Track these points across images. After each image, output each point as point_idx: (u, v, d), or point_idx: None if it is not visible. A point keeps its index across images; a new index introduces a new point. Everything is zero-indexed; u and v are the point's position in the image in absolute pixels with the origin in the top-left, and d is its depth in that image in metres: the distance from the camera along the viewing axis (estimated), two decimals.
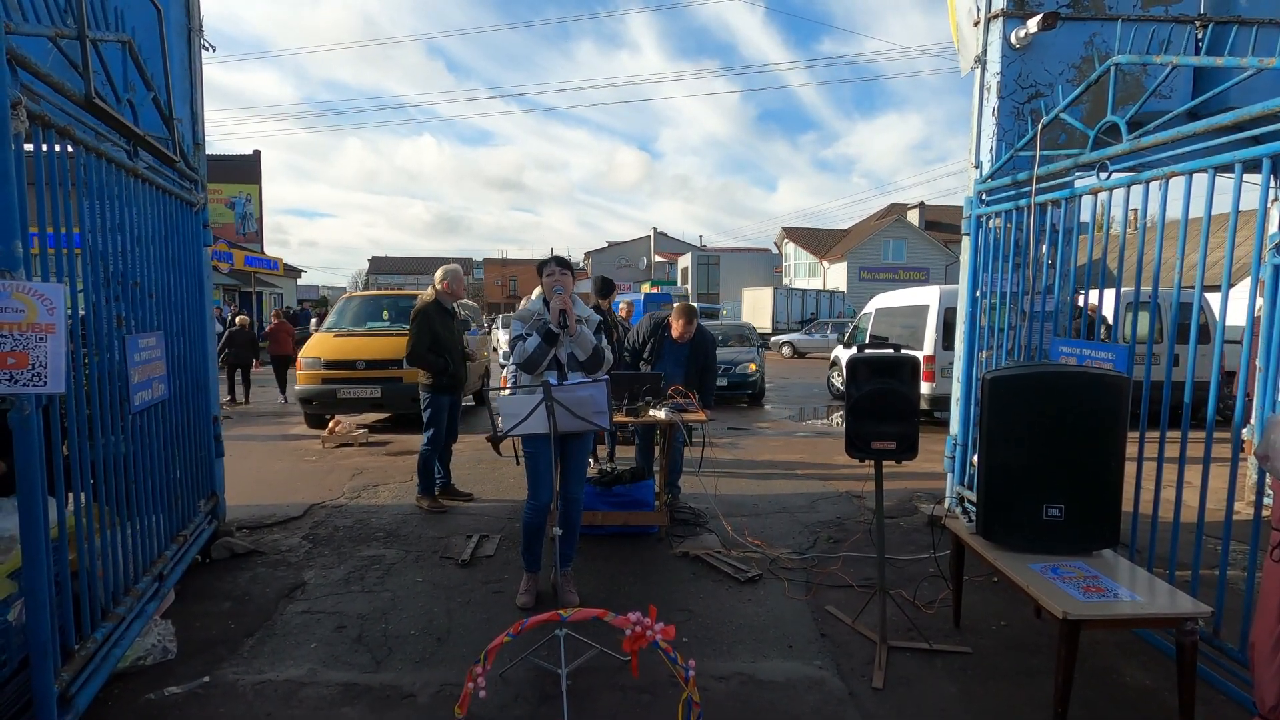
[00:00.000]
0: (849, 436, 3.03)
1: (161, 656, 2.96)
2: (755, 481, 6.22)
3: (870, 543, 4.46)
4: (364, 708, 2.67)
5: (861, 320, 11.82)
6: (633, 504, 4.64)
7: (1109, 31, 4.24)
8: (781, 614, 3.51)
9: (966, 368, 4.63)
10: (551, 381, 3.36)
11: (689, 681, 1.45)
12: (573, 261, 3.49)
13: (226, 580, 3.82)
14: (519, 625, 1.46)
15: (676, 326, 5.03)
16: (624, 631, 2.80)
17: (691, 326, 5.05)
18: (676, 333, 5.04)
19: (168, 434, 3.39)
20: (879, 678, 2.89)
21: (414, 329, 5.13)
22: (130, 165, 2.97)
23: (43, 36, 2.26)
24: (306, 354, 8.71)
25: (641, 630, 1.46)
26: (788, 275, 41.68)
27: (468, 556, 4.17)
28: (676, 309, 5.11)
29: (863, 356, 3.00)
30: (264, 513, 4.97)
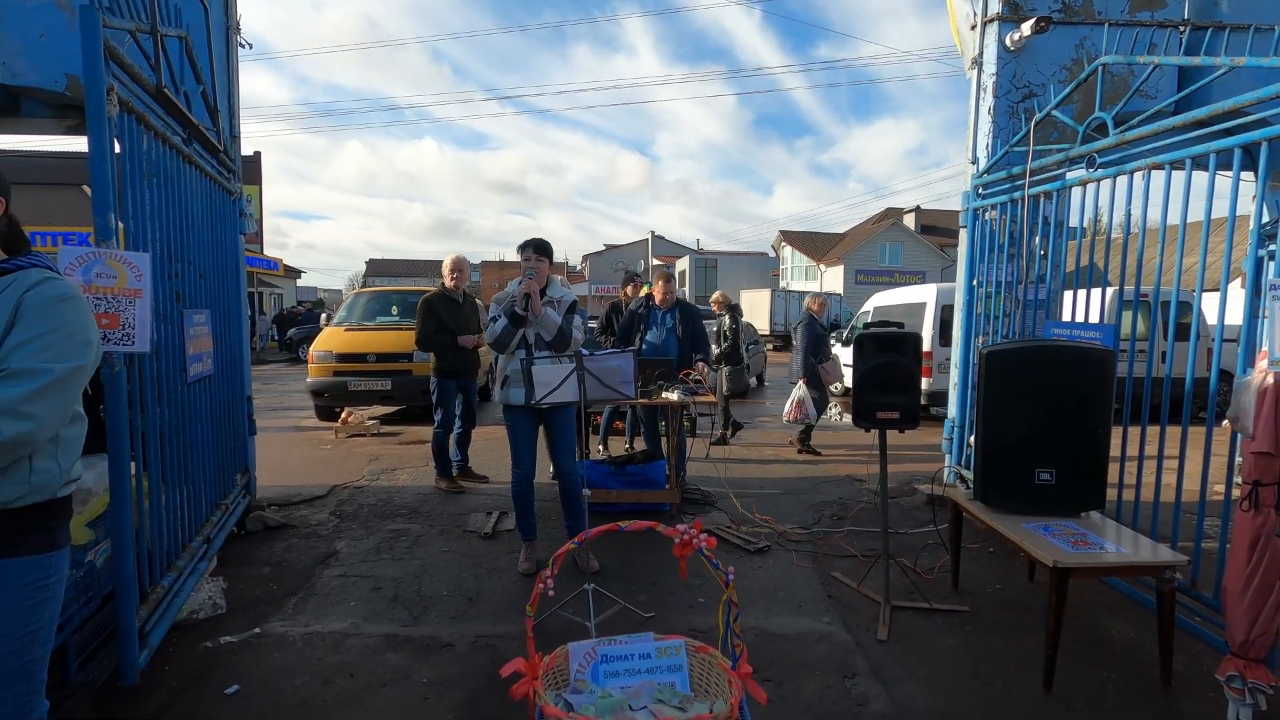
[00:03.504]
0: (855, 407, 3.25)
1: (212, 611, 3.16)
2: (759, 467, 6.44)
3: (872, 518, 4.68)
4: (407, 654, 2.88)
5: (860, 319, 12.07)
6: (645, 483, 4.85)
7: (1098, 35, 4.48)
8: (790, 579, 3.72)
9: (964, 353, 4.86)
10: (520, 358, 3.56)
11: (729, 585, 1.66)
12: (549, 245, 3.70)
13: (263, 549, 4.02)
14: (582, 535, 1.66)
15: (658, 291, 5.26)
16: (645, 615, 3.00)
17: (671, 288, 5.29)
18: (658, 297, 5.27)
19: (213, 407, 3.59)
20: (883, 631, 3.11)
21: (420, 316, 5.37)
22: (186, 152, 3.18)
23: (126, 31, 2.47)
24: (318, 347, 8.89)
25: (689, 539, 1.66)
26: (785, 278, 41.96)
27: (489, 529, 4.38)
28: (656, 275, 5.38)
29: (869, 333, 3.22)
30: (290, 492, 5.17)
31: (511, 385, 3.64)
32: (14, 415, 1.31)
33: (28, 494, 1.43)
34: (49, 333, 1.40)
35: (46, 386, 1.36)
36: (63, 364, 1.40)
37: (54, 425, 1.41)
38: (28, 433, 1.34)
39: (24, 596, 1.45)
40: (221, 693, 2.56)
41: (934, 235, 37.94)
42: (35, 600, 1.48)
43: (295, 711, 2.47)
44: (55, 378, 1.38)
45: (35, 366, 1.36)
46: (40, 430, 1.37)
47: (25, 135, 4.74)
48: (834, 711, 2.52)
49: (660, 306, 5.29)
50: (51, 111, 4.49)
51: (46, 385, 1.36)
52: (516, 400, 3.61)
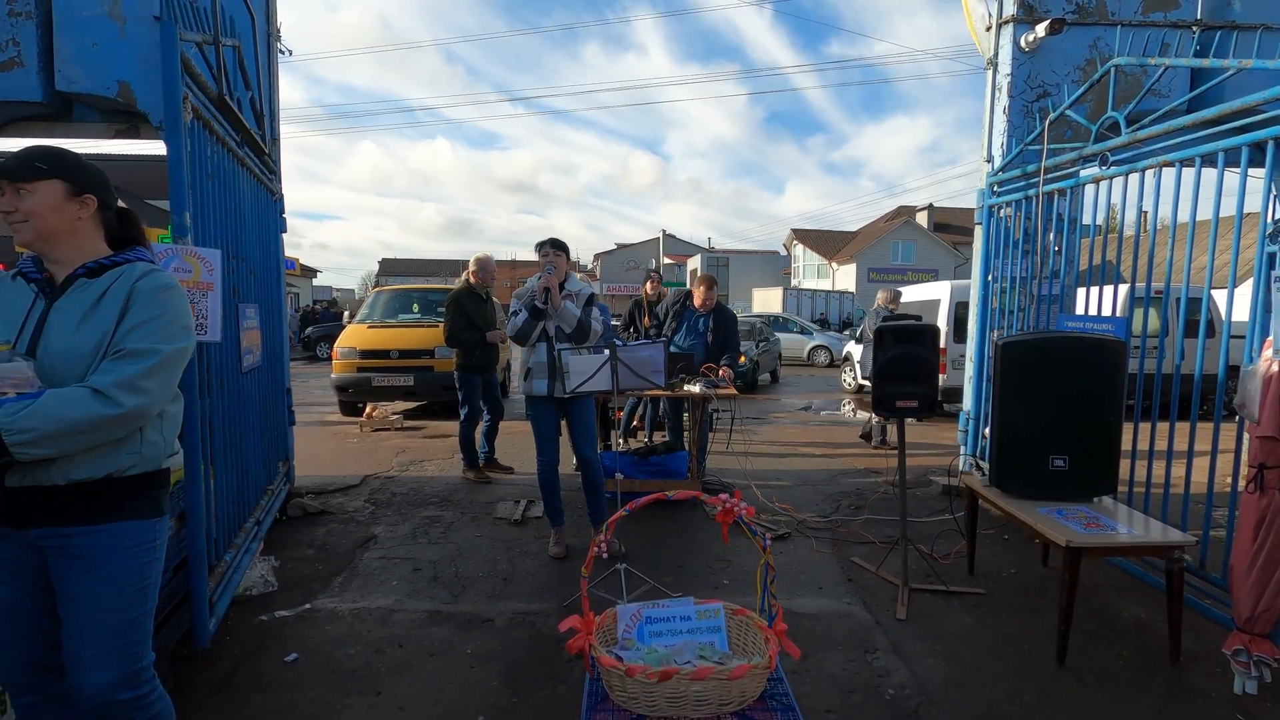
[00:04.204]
0: (875, 397, 3.39)
1: (264, 588, 3.35)
2: (777, 460, 6.58)
3: (888, 508, 4.81)
4: (450, 628, 3.05)
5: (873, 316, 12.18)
6: (667, 473, 5.01)
7: (1112, 35, 4.59)
8: (811, 563, 3.86)
9: (980, 346, 4.98)
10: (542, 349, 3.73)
11: (766, 549, 1.81)
12: (565, 242, 3.85)
13: (305, 533, 4.21)
14: (633, 504, 1.82)
15: (698, 294, 5.38)
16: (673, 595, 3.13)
17: (712, 294, 5.38)
18: (698, 301, 5.38)
19: (260, 397, 3.78)
20: (902, 611, 3.25)
21: (448, 313, 5.55)
22: (239, 155, 3.37)
23: (194, 43, 2.65)
24: (342, 344, 9.10)
25: (730, 507, 1.81)
26: (796, 276, 42.00)
27: (519, 516, 4.55)
28: (697, 279, 5.48)
29: (889, 326, 3.36)
30: (325, 481, 5.37)
31: (535, 377, 3.80)
32: (132, 389, 1.48)
33: (138, 463, 1.59)
34: (157, 317, 1.57)
35: (157, 365, 1.53)
36: (169, 345, 1.57)
37: (162, 401, 1.58)
38: (142, 406, 1.51)
39: (135, 556, 1.62)
40: (282, 660, 2.74)
41: (947, 233, 37.84)
42: (144, 560, 1.64)
43: (352, 677, 2.64)
44: (164, 356, 1.55)
45: (147, 347, 1.53)
46: (152, 404, 1.54)
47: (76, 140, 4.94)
48: (857, 681, 2.67)
49: (698, 310, 5.39)
50: (102, 116, 4.69)
51: (157, 364, 1.53)
52: (540, 391, 3.78)
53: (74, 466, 1.50)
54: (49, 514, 1.52)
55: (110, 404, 1.45)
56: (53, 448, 1.42)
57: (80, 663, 1.55)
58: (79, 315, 1.55)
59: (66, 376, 1.49)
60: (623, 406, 7.05)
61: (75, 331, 1.53)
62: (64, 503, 1.52)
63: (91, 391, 1.45)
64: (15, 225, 1.57)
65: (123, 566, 1.59)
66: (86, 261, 1.61)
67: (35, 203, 1.55)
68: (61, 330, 1.53)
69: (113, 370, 1.48)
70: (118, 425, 1.49)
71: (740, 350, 5.63)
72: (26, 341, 1.52)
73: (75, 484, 1.51)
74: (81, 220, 1.62)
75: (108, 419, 1.45)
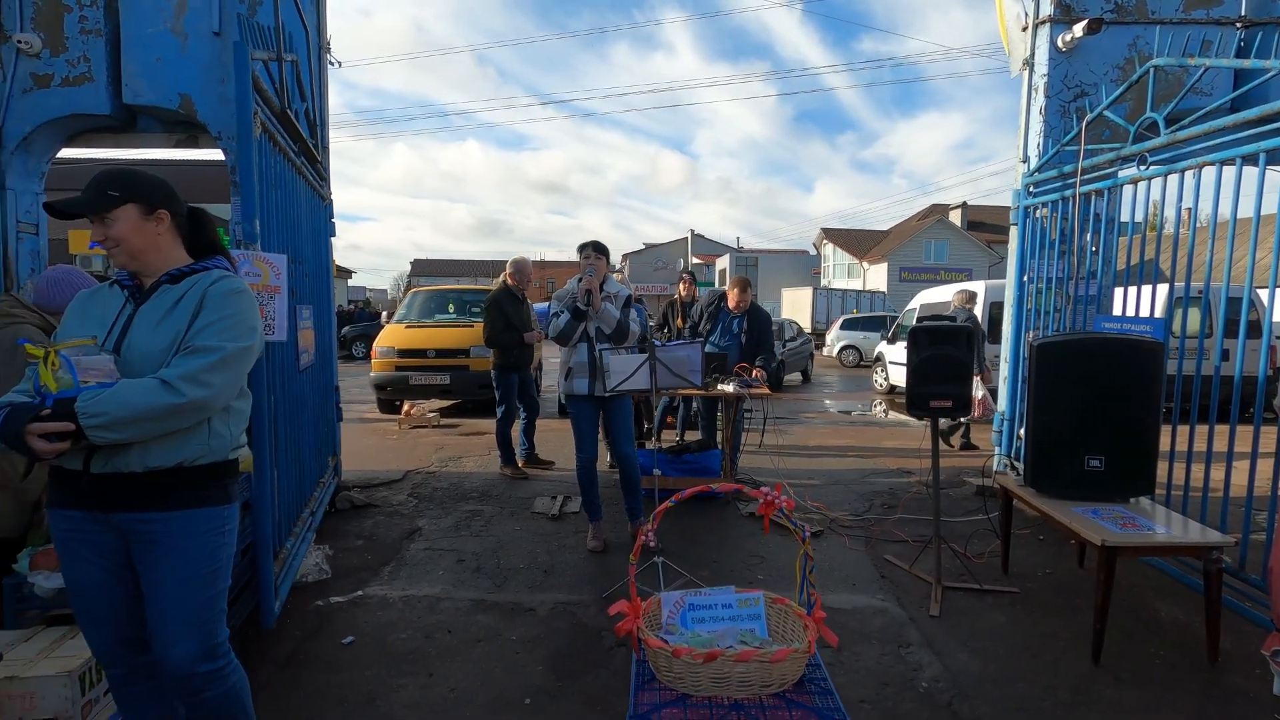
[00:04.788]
0: (909, 397, 3.44)
1: (319, 575, 3.53)
2: (808, 459, 6.62)
3: (921, 507, 4.83)
4: (494, 616, 3.19)
5: (906, 317, 12.10)
6: (701, 471, 5.09)
7: (1151, 34, 4.54)
8: (844, 561, 3.92)
9: (1014, 348, 4.97)
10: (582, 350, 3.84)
11: (805, 540, 1.89)
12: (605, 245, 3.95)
13: (354, 525, 4.39)
14: (679, 495, 1.91)
15: (732, 296, 5.44)
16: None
17: (746, 296, 5.43)
18: (732, 302, 5.44)
19: (314, 394, 3.97)
20: (935, 608, 3.29)
21: (487, 315, 5.70)
22: (297, 164, 3.55)
23: (261, 60, 2.82)
24: (381, 343, 9.36)
25: (771, 499, 1.89)
26: (826, 276, 41.66)
27: (557, 511, 4.68)
28: (732, 279, 5.54)
29: (923, 326, 3.41)
30: (369, 476, 5.57)
31: (575, 376, 3.91)
32: (195, 382, 1.61)
33: (206, 454, 1.73)
34: (224, 318, 1.71)
35: (220, 360, 1.66)
36: (234, 343, 1.70)
37: (226, 395, 1.71)
38: (204, 398, 1.63)
39: (207, 540, 1.76)
40: (339, 642, 2.90)
41: (981, 231, 37.19)
42: (215, 544, 1.78)
43: (405, 659, 2.79)
44: (227, 353, 1.68)
45: (213, 344, 1.66)
46: (214, 397, 1.66)
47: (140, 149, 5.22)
48: (892, 674, 2.73)
49: (733, 311, 5.44)
50: (163, 127, 4.96)
51: (220, 360, 1.66)
52: (580, 390, 3.89)
53: (149, 454, 1.64)
54: (130, 499, 1.66)
55: (175, 394, 1.58)
56: (123, 433, 1.56)
57: (164, 638, 1.70)
58: (158, 317, 1.69)
59: (145, 371, 1.63)
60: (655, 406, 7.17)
61: (154, 331, 1.67)
62: (142, 489, 1.65)
63: (160, 382, 1.58)
64: (111, 251, 1.72)
65: (196, 550, 1.72)
66: (170, 269, 1.77)
67: (119, 229, 1.69)
68: (142, 330, 1.68)
69: (180, 364, 1.62)
70: (181, 414, 1.61)
71: (774, 352, 5.68)
72: (114, 339, 1.67)
73: (151, 471, 1.65)
74: (160, 235, 1.76)
75: (172, 407, 1.58)
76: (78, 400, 1.51)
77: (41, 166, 4.99)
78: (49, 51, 4.55)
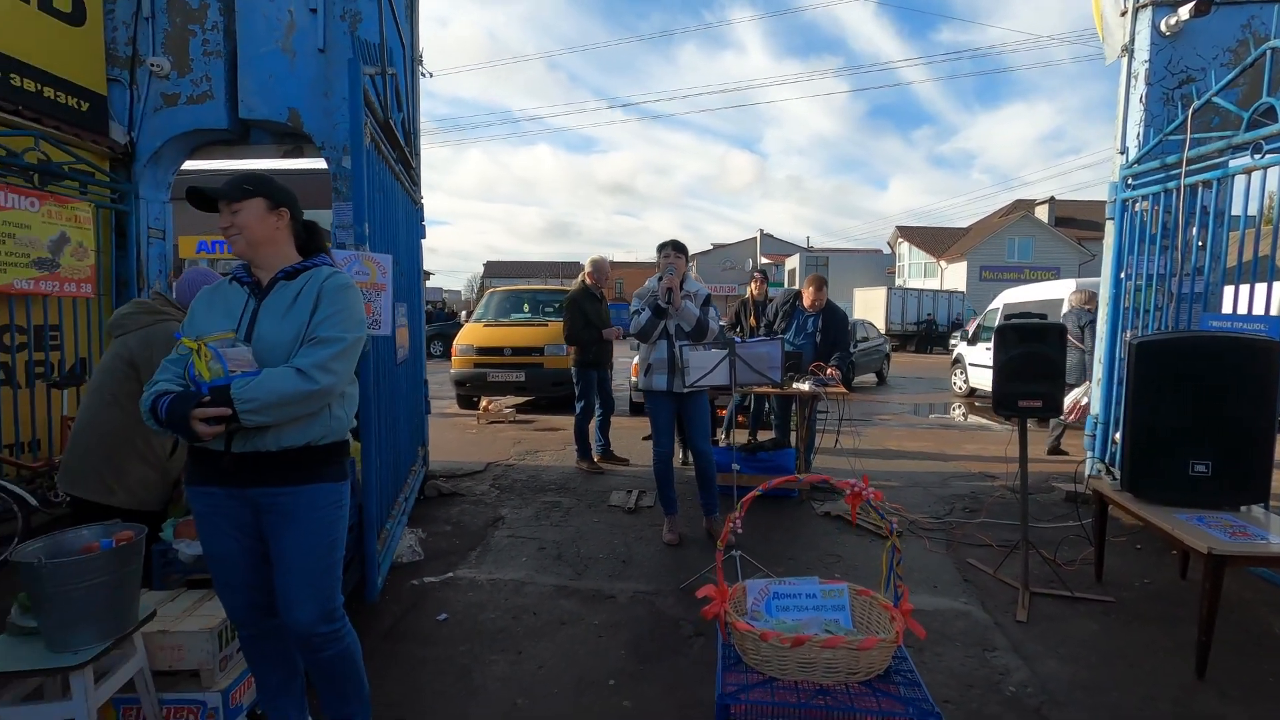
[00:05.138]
0: (996, 396, 3.35)
1: (412, 557, 3.75)
2: (885, 462, 6.49)
3: (1006, 512, 4.68)
4: (576, 602, 3.31)
5: (987, 317, 11.62)
6: (775, 469, 5.09)
7: (1268, 14, 4.26)
8: (925, 563, 3.85)
9: (1109, 348, 4.74)
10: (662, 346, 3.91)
11: (893, 533, 1.91)
12: (685, 245, 4.00)
13: (441, 512, 4.63)
14: (766, 484, 1.96)
15: (807, 295, 5.40)
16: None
17: (822, 295, 5.38)
18: (807, 301, 5.40)
19: (408, 386, 4.21)
20: (1022, 613, 3.20)
21: (567, 313, 5.86)
22: (395, 170, 3.79)
23: (370, 75, 3.04)
24: (460, 341, 9.75)
25: (859, 490, 1.92)
26: (901, 276, 40.39)
27: (633, 505, 4.79)
28: (808, 278, 5.50)
29: (1010, 323, 3.32)
30: (452, 467, 5.84)
31: (655, 372, 4.00)
32: (324, 369, 1.79)
33: (327, 434, 1.91)
34: (341, 311, 1.88)
35: (342, 350, 1.84)
36: (351, 334, 1.87)
37: (344, 381, 1.88)
38: (332, 384, 1.81)
39: (327, 513, 1.93)
40: (434, 618, 3.09)
41: (1070, 228, 35.20)
42: (334, 517, 1.96)
43: (495, 637, 2.94)
44: (347, 344, 1.85)
45: (335, 335, 1.84)
46: (338, 383, 1.84)
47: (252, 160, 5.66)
48: (976, 677, 2.69)
49: (808, 310, 5.41)
50: (273, 139, 5.36)
51: (342, 349, 1.84)
52: (659, 386, 3.98)
53: (282, 435, 1.82)
54: (265, 475, 1.85)
55: (309, 380, 1.76)
56: (268, 416, 1.74)
57: (289, 601, 1.88)
58: (281, 310, 1.88)
59: (273, 360, 1.81)
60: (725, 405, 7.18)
61: (279, 324, 1.86)
62: (275, 466, 1.84)
63: (296, 370, 1.76)
64: (231, 237, 1.92)
65: (317, 521, 1.89)
66: (284, 267, 1.95)
67: (244, 218, 1.89)
68: (268, 323, 1.87)
69: (310, 354, 1.80)
70: (314, 399, 1.80)
71: (850, 351, 5.60)
72: (244, 332, 1.86)
73: (283, 450, 1.83)
74: (279, 230, 1.95)
75: (308, 393, 1.76)
76: (232, 387, 1.71)
77: (168, 178, 5.48)
78: (176, 73, 5.00)
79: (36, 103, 4.40)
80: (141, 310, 2.53)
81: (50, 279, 4.29)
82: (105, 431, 2.50)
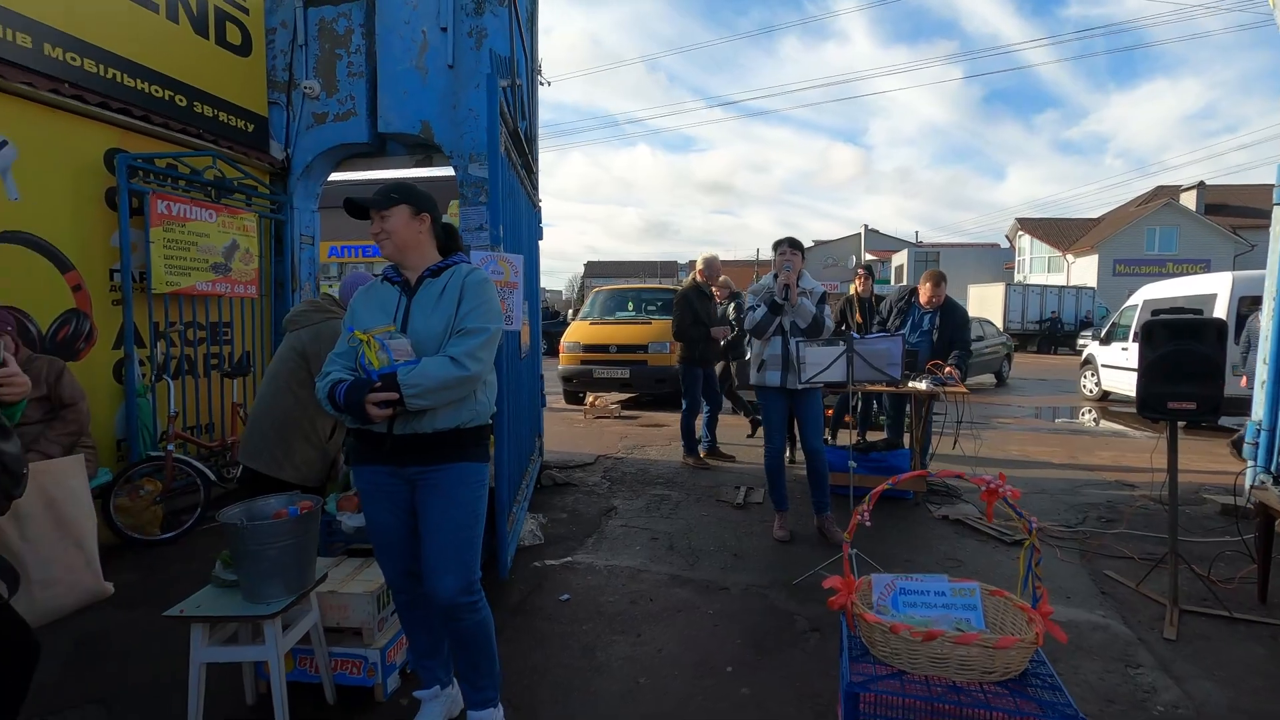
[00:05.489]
0: (1142, 397, 3.13)
1: (534, 541, 3.96)
2: (1006, 467, 6.15)
3: (1148, 523, 4.34)
4: (691, 591, 3.39)
5: (1124, 315, 10.69)
6: (888, 470, 4.96)
7: None
8: (1056, 572, 3.65)
9: (1276, 348, 4.28)
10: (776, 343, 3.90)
11: (1032, 532, 1.86)
12: (801, 242, 3.95)
13: (557, 500, 4.85)
14: (895, 478, 1.96)
15: (924, 291, 5.19)
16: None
17: (940, 291, 5.15)
18: (924, 297, 5.18)
19: (528, 379, 4.45)
20: (1170, 631, 2.98)
21: (677, 309, 5.95)
22: (521, 175, 4.02)
23: (504, 87, 3.25)
24: (568, 339, 10.09)
25: (995, 487, 1.88)
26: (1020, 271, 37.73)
27: (741, 500, 4.82)
28: (924, 274, 5.28)
29: (1159, 320, 3.09)
30: (564, 458, 6.09)
31: (769, 369, 4.01)
32: (473, 358, 1.96)
33: (473, 418, 2.08)
34: (483, 304, 2.05)
35: (487, 340, 2.00)
36: (493, 325, 2.04)
37: (488, 368, 2.05)
38: (479, 371, 1.98)
39: (470, 490, 2.10)
40: (557, 598, 3.27)
41: (1223, 215, 31.60)
42: (476, 494, 2.12)
43: (615, 619, 3.08)
44: (491, 334, 2.02)
45: (480, 326, 2.00)
46: (484, 370, 2.01)
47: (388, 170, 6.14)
48: (1118, 693, 2.54)
49: (924, 306, 5.23)
50: (407, 150, 5.79)
51: (487, 339, 2.01)
52: (772, 382, 3.99)
53: (436, 419, 2.01)
54: (420, 455, 2.04)
55: (461, 368, 1.94)
56: (428, 400, 1.92)
57: (434, 570, 2.05)
58: (430, 305, 2.06)
59: (426, 349, 1.99)
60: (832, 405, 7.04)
61: (429, 317, 2.04)
62: (429, 446, 2.02)
63: (450, 359, 1.94)
64: (381, 241, 2.13)
65: (463, 497, 2.07)
66: (429, 266, 2.14)
67: (392, 223, 2.08)
68: (419, 317, 2.06)
69: (460, 343, 1.97)
70: (465, 385, 1.97)
71: (969, 349, 5.33)
72: (399, 326, 2.06)
73: (437, 432, 2.02)
74: (422, 234, 2.14)
75: (460, 379, 1.94)
76: (398, 374, 1.91)
77: (317, 189, 6.03)
78: (325, 93, 5.50)
79: (214, 126, 4.99)
80: (313, 308, 2.85)
81: (224, 281, 4.87)
82: (278, 414, 2.83)
